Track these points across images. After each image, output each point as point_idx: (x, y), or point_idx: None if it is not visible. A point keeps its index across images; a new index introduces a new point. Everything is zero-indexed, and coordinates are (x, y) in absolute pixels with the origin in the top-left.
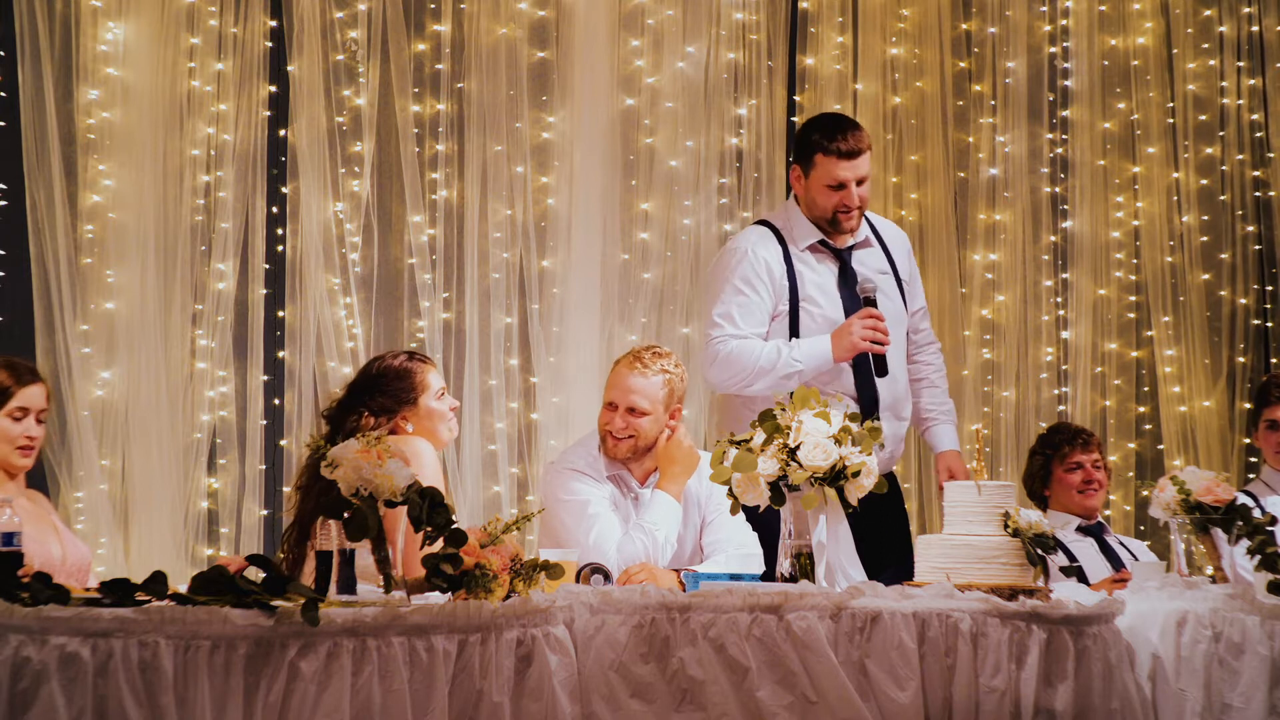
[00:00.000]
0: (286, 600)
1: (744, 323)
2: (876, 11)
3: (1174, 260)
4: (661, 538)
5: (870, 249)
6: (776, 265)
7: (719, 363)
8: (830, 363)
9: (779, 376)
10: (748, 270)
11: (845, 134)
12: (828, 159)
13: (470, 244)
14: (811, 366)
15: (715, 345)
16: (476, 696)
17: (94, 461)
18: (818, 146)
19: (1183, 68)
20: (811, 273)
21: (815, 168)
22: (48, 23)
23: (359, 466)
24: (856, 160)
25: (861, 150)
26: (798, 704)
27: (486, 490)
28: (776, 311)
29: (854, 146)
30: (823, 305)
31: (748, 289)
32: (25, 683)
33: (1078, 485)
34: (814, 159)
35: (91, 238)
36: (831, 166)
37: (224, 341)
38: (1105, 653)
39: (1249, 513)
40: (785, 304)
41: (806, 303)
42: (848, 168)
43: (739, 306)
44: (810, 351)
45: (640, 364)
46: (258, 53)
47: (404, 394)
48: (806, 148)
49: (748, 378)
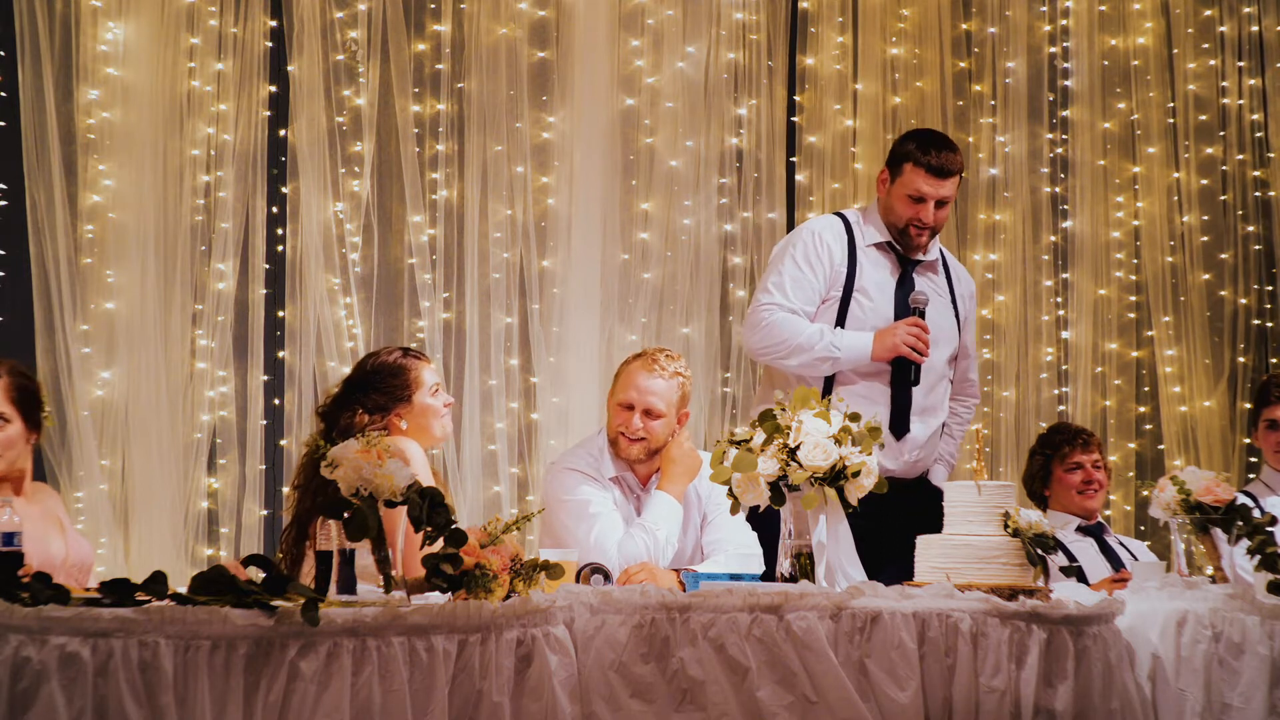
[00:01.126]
0: (286, 600)
1: (795, 296)
2: (876, 11)
3: (1174, 260)
4: (663, 536)
5: (936, 275)
6: (839, 251)
7: (762, 328)
8: (868, 359)
9: (815, 357)
10: (809, 249)
11: (940, 151)
12: (916, 170)
13: (470, 244)
14: (849, 357)
15: (761, 311)
16: (476, 696)
17: (94, 461)
18: (910, 156)
19: (1183, 68)
20: (872, 268)
21: (902, 175)
22: (48, 23)
23: (359, 466)
24: (943, 180)
25: (952, 171)
26: (798, 704)
27: (486, 490)
28: (828, 296)
29: (945, 165)
30: (875, 300)
31: (805, 266)
32: (25, 683)
33: (1077, 485)
34: (903, 167)
35: (91, 238)
36: (917, 178)
37: (224, 341)
38: (1105, 653)
39: (1249, 513)
40: (838, 290)
41: (859, 294)
42: (932, 184)
43: (793, 280)
44: (851, 343)
45: (656, 365)
46: (258, 53)
47: (398, 390)
48: (899, 155)
49: (785, 350)
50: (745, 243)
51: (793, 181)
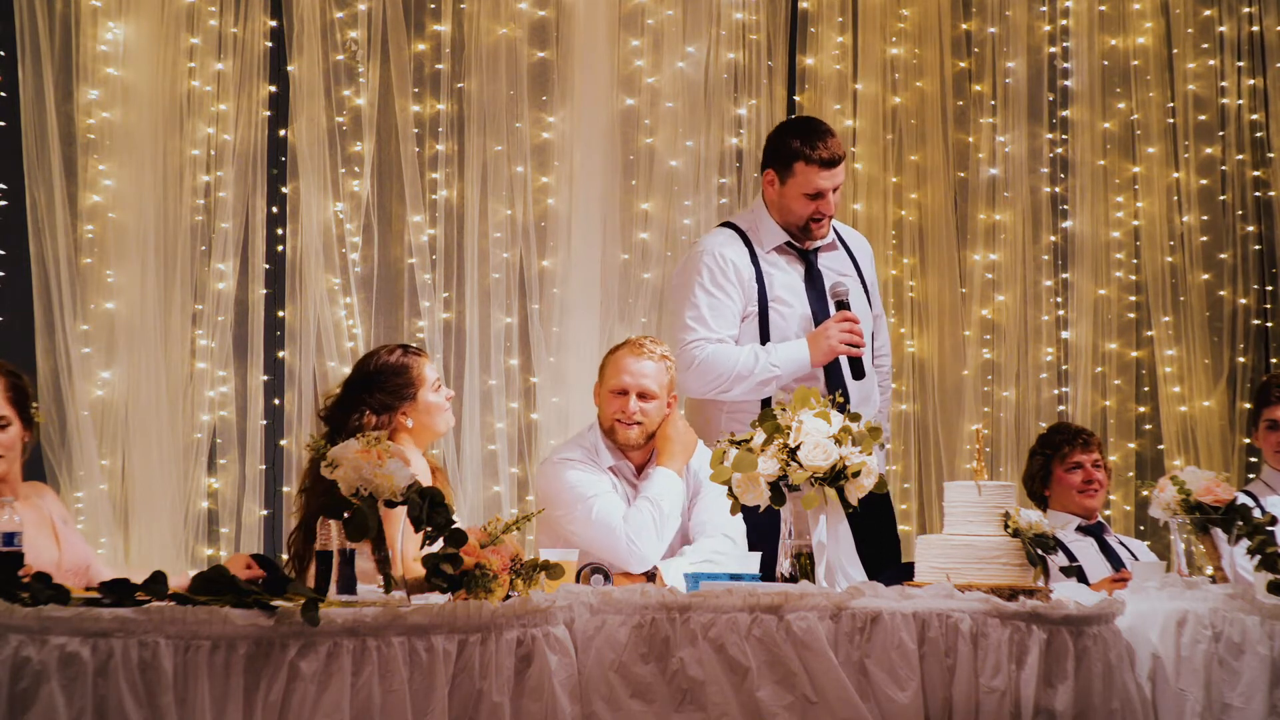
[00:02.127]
0: (286, 600)
1: (716, 324)
2: (876, 11)
3: (1174, 260)
4: (667, 508)
5: (835, 252)
6: (744, 266)
7: (696, 368)
8: (807, 367)
9: (757, 382)
10: (715, 272)
11: (825, 141)
12: (809, 168)
13: (470, 244)
14: (789, 371)
15: (691, 350)
16: (476, 696)
17: (94, 461)
18: (798, 154)
19: (1183, 68)
20: (779, 273)
21: (794, 176)
22: (48, 23)
23: (359, 466)
24: (836, 169)
25: (840, 157)
26: (798, 704)
27: (486, 490)
28: (746, 312)
29: (834, 154)
30: (792, 305)
31: (717, 290)
32: (25, 683)
33: (1078, 485)
34: (793, 167)
35: (91, 238)
36: (812, 175)
37: (224, 341)
38: (1105, 653)
39: (1249, 513)
40: (754, 305)
41: (776, 303)
42: (828, 177)
43: (710, 308)
44: (788, 356)
45: (644, 349)
46: (258, 53)
47: (403, 389)
48: (785, 155)
49: (725, 383)
50: None
51: None
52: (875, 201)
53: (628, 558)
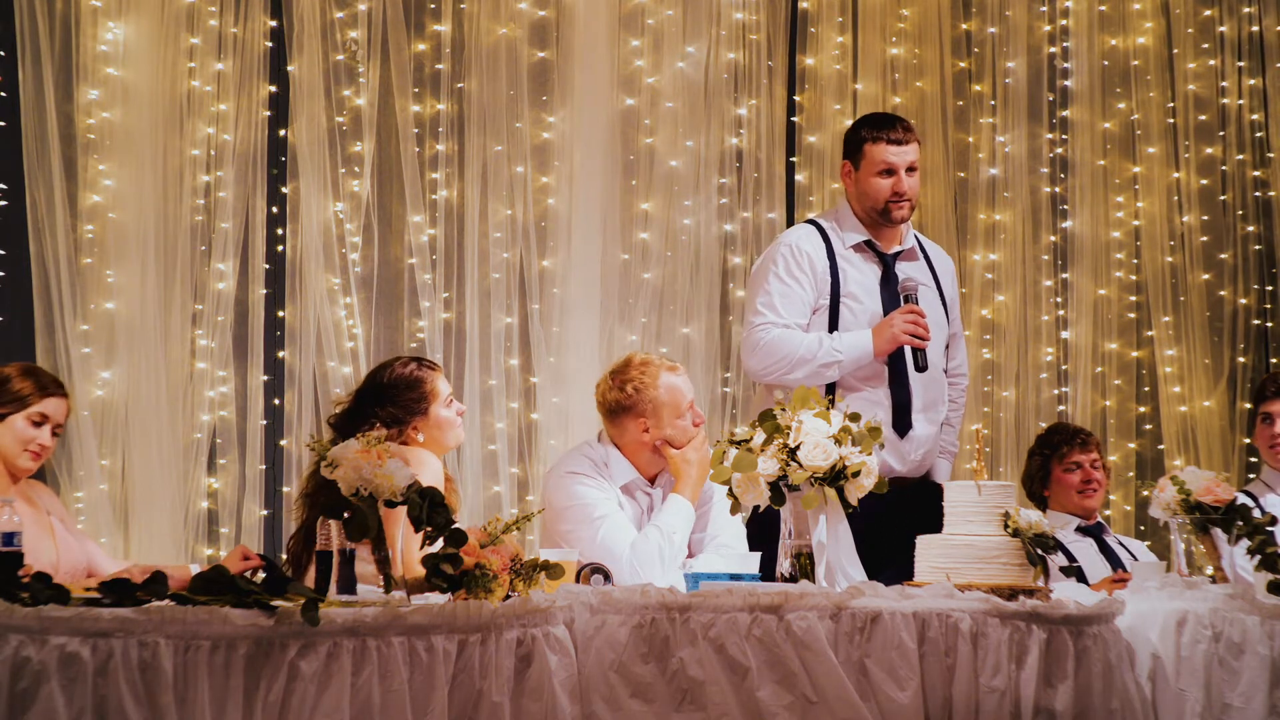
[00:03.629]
0: (286, 600)
1: (786, 311)
2: (876, 11)
3: (1174, 260)
4: (679, 541)
5: (915, 262)
6: (820, 260)
7: (760, 350)
8: (870, 355)
9: (819, 365)
10: (790, 262)
11: (894, 125)
12: (876, 145)
13: (470, 244)
14: (851, 358)
15: (757, 333)
16: (476, 696)
17: (94, 461)
18: (866, 138)
19: (1183, 68)
20: (855, 271)
21: (864, 157)
22: (48, 23)
23: (359, 466)
24: (905, 147)
25: (910, 140)
26: (798, 704)
27: (486, 490)
28: (817, 305)
29: (902, 136)
30: (864, 302)
31: (790, 279)
32: (25, 683)
33: (1076, 485)
34: (863, 149)
35: (91, 238)
36: (881, 152)
37: (224, 341)
38: (1105, 653)
39: (1249, 513)
40: (826, 298)
41: (848, 299)
42: (896, 153)
43: (781, 295)
44: (851, 343)
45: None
46: (258, 53)
47: (415, 404)
48: (855, 141)
49: (788, 365)
50: (745, 243)
51: (793, 181)
52: None
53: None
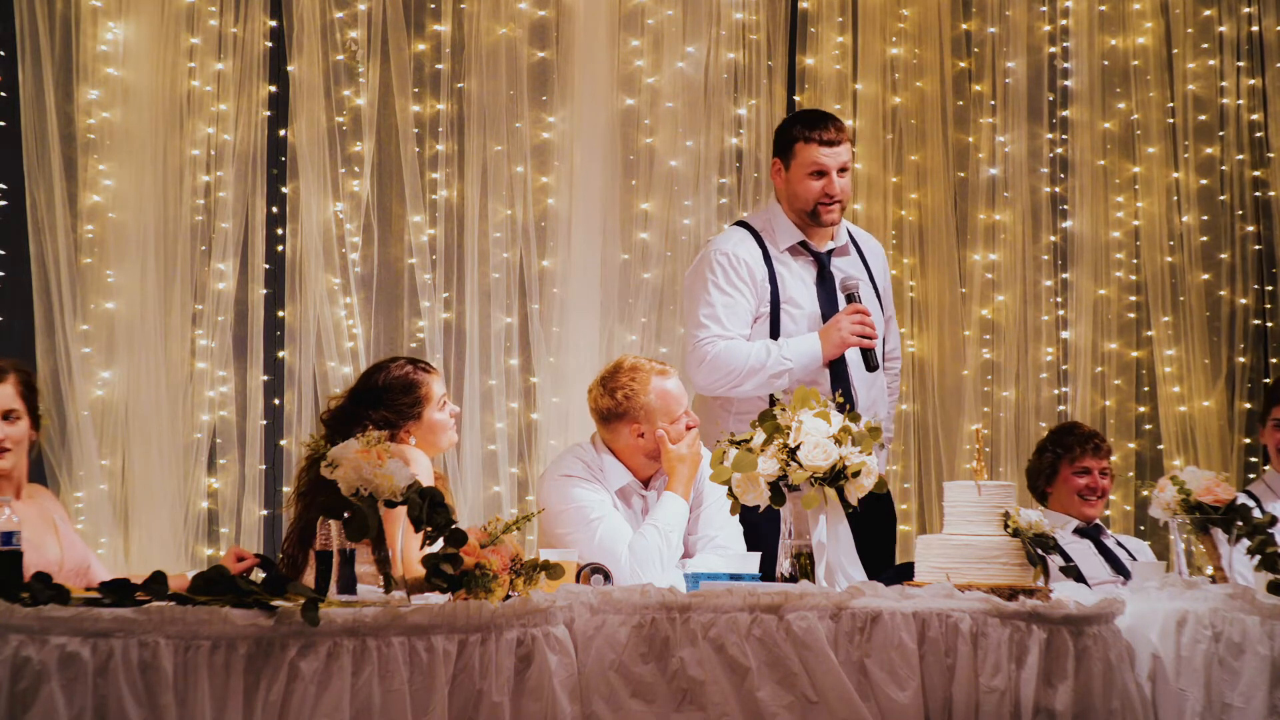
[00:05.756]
0: (286, 600)
1: (730, 323)
2: (876, 11)
3: (1174, 260)
4: (675, 540)
5: (848, 257)
6: (758, 267)
7: (708, 364)
8: (820, 360)
9: (769, 375)
10: (729, 271)
11: (826, 124)
12: (808, 146)
13: (470, 244)
14: (801, 364)
15: (703, 347)
16: (476, 696)
17: (94, 461)
18: (798, 136)
19: (1183, 68)
20: (791, 275)
21: (795, 157)
22: (48, 23)
23: (359, 466)
24: (837, 148)
25: (842, 140)
26: (798, 704)
27: (486, 490)
28: (758, 313)
29: (835, 136)
30: (803, 306)
31: (730, 289)
32: (25, 683)
33: (1081, 489)
34: (794, 149)
35: (91, 238)
36: (812, 153)
37: (224, 341)
38: (1105, 653)
39: (1249, 513)
40: (766, 305)
41: (787, 304)
42: (829, 154)
43: (724, 307)
44: (800, 349)
45: (668, 370)
46: (258, 53)
47: (408, 408)
48: (786, 139)
49: (737, 378)
50: None
51: None
52: (875, 201)
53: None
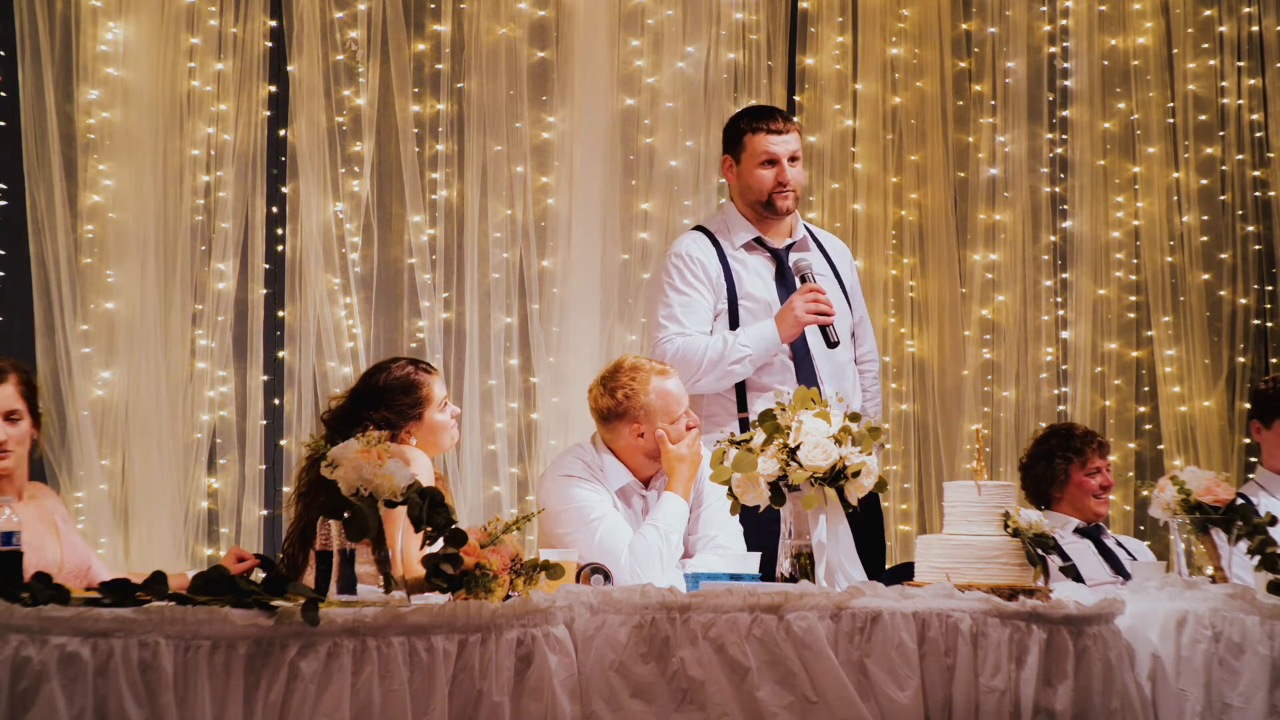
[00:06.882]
0: (286, 600)
1: (689, 321)
2: (876, 11)
3: (1174, 260)
4: (676, 540)
5: (808, 252)
6: (712, 265)
7: (668, 362)
8: (778, 343)
9: (728, 365)
10: (684, 271)
11: (773, 115)
12: (756, 136)
13: (470, 244)
14: (760, 350)
15: (663, 345)
16: (476, 696)
17: (94, 461)
18: (746, 128)
19: (1183, 68)
20: (748, 271)
21: (745, 149)
22: (48, 23)
23: (359, 466)
24: (786, 136)
25: (790, 130)
26: (798, 704)
27: (486, 490)
28: (716, 310)
29: (782, 126)
30: (760, 300)
31: (687, 288)
32: (25, 683)
33: (1095, 490)
34: (743, 141)
35: (91, 238)
36: (761, 142)
37: (224, 341)
38: (1105, 653)
39: (1249, 513)
40: (724, 302)
41: (745, 299)
42: (778, 141)
43: (682, 306)
44: (756, 334)
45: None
46: (258, 53)
47: (409, 409)
48: (735, 134)
49: (699, 371)
50: None
51: None
52: (875, 201)
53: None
